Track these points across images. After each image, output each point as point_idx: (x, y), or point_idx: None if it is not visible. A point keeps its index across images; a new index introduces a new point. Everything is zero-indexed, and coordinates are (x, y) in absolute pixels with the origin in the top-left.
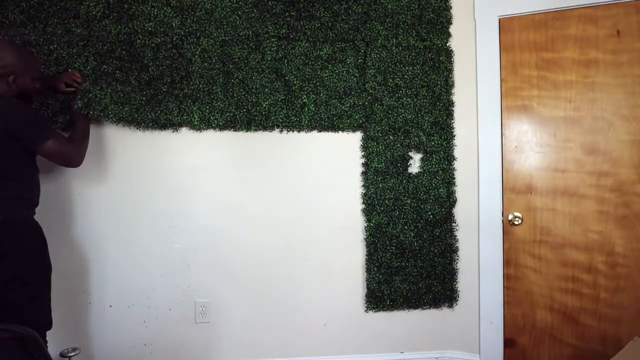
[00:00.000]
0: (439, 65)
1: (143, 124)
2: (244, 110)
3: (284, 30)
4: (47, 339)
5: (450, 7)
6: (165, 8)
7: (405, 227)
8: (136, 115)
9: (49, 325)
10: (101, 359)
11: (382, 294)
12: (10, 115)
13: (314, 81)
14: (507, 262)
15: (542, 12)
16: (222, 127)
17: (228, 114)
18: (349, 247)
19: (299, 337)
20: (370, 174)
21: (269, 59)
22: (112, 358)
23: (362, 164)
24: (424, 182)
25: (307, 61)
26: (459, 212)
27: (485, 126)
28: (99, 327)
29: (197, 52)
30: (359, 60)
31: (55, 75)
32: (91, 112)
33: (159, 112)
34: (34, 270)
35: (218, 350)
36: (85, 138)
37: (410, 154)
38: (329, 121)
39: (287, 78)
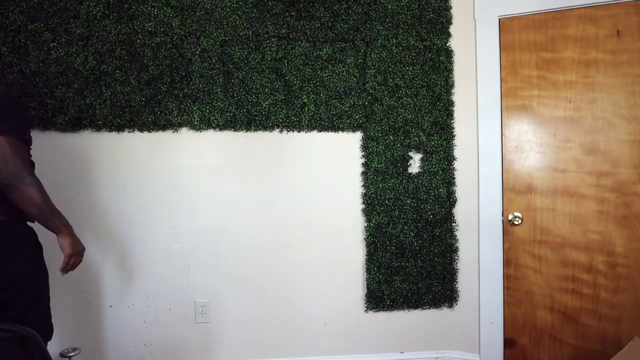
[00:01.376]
0: (439, 65)
1: (144, 128)
2: (244, 110)
3: (284, 30)
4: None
5: (450, 7)
6: (165, 8)
7: (405, 227)
8: (136, 119)
9: (49, 333)
10: (101, 359)
11: (382, 294)
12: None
13: (314, 81)
14: (507, 262)
15: (542, 12)
16: (222, 127)
17: (228, 114)
18: (349, 247)
19: (299, 337)
20: (370, 174)
21: (269, 59)
22: (112, 358)
23: (362, 164)
24: (424, 182)
25: (307, 61)
26: (459, 212)
27: (485, 126)
28: (99, 327)
29: (197, 52)
30: (359, 60)
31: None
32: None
33: (158, 112)
34: (34, 275)
35: (218, 350)
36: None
37: (410, 154)
38: (329, 121)
39: (287, 78)
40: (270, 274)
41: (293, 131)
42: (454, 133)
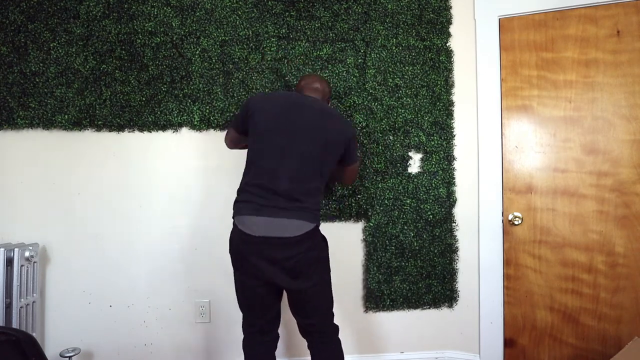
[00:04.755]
0: (439, 65)
1: (144, 128)
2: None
3: (284, 30)
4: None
5: (450, 7)
6: (165, 8)
7: (405, 227)
8: (136, 119)
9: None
10: (101, 359)
11: (382, 293)
12: None
13: None
14: (507, 262)
15: (542, 12)
16: (222, 127)
17: (228, 114)
18: (349, 247)
19: (299, 337)
20: (369, 174)
21: (269, 59)
22: (112, 358)
23: (362, 163)
24: (423, 182)
25: (307, 61)
26: (458, 212)
27: (485, 126)
28: (99, 327)
29: (197, 52)
30: (359, 60)
31: None
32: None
33: (158, 112)
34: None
35: (218, 350)
36: None
37: (410, 154)
38: None
39: (287, 78)
40: None
41: None
42: (454, 133)
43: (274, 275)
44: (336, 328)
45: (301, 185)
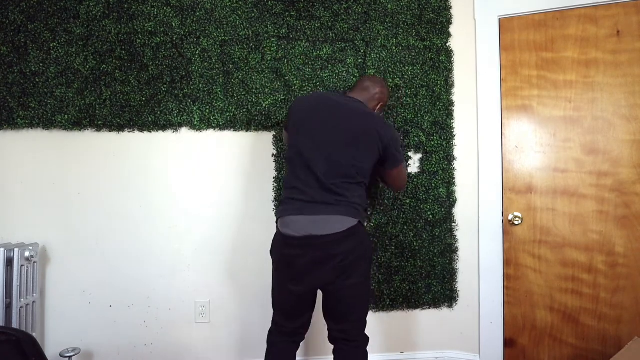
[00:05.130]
0: (439, 65)
1: (144, 128)
2: (244, 110)
3: (284, 30)
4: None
5: (450, 7)
6: (165, 8)
7: (405, 227)
8: (136, 119)
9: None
10: (101, 359)
11: (382, 293)
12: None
13: (314, 81)
14: (507, 262)
15: (542, 12)
16: (222, 127)
17: (228, 114)
18: None
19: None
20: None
21: (269, 59)
22: (112, 358)
23: None
24: (423, 182)
25: (307, 61)
26: (458, 212)
27: (485, 126)
28: (99, 327)
29: (197, 52)
30: (359, 60)
31: None
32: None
33: (158, 112)
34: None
35: (218, 350)
36: None
37: (410, 154)
38: None
39: (287, 78)
40: (270, 273)
41: None
42: (454, 133)
43: (316, 278)
44: (367, 339)
45: (337, 179)
